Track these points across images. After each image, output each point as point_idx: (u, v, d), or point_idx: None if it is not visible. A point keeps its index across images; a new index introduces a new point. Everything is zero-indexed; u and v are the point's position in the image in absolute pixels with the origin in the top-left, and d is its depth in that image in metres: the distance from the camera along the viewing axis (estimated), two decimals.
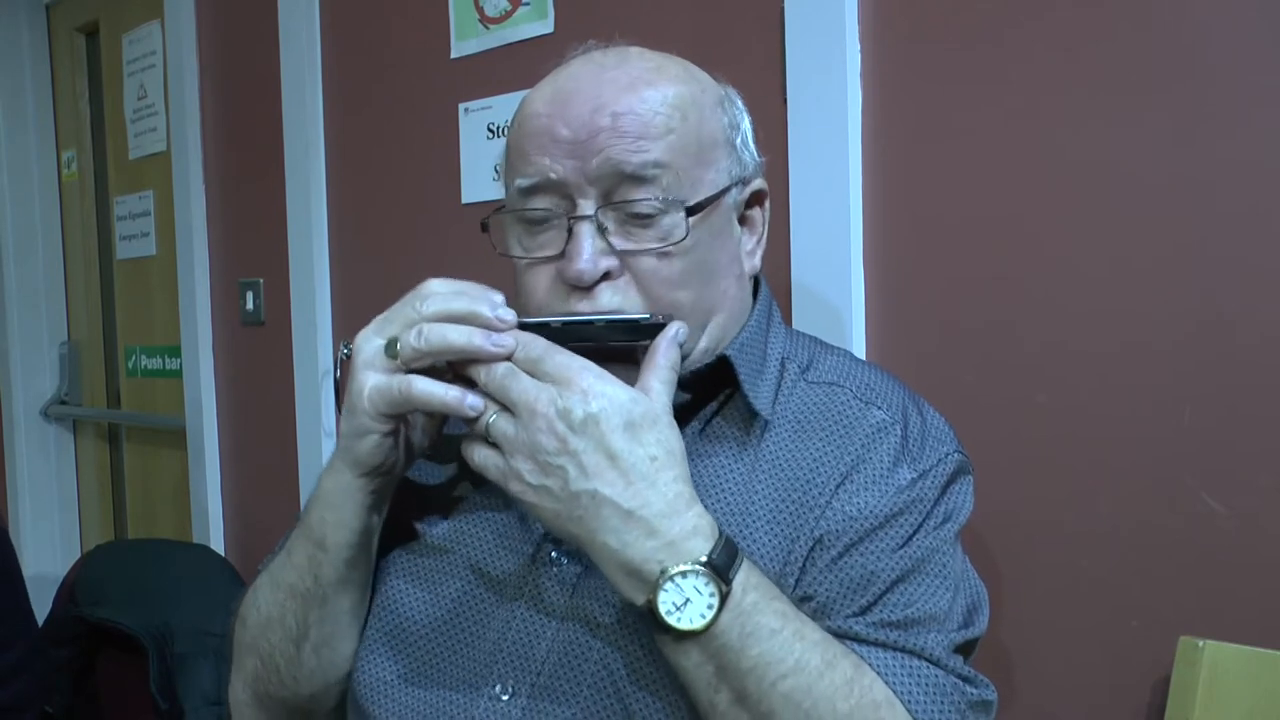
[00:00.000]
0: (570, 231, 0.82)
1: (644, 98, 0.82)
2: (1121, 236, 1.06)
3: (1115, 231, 1.06)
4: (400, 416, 0.80)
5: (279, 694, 0.90)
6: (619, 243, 0.82)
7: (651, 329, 0.79)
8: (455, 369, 0.78)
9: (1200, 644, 0.97)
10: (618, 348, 0.80)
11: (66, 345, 2.80)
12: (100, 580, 1.91)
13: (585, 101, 0.82)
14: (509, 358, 0.76)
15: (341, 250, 1.88)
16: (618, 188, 0.81)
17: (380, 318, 0.81)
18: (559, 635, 0.83)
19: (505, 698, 0.82)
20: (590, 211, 0.81)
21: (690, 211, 0.82)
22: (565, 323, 0.80)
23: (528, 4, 1.54)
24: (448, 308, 0.78)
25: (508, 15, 1.57)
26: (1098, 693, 1.08)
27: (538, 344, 0.76)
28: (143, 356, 2.54)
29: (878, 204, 1.21)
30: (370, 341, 0.80)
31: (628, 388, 0.75)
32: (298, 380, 1.94)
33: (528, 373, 0.75)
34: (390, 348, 0.78)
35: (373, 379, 0.79)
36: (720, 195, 0.85)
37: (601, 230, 0.82)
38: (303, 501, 2.04)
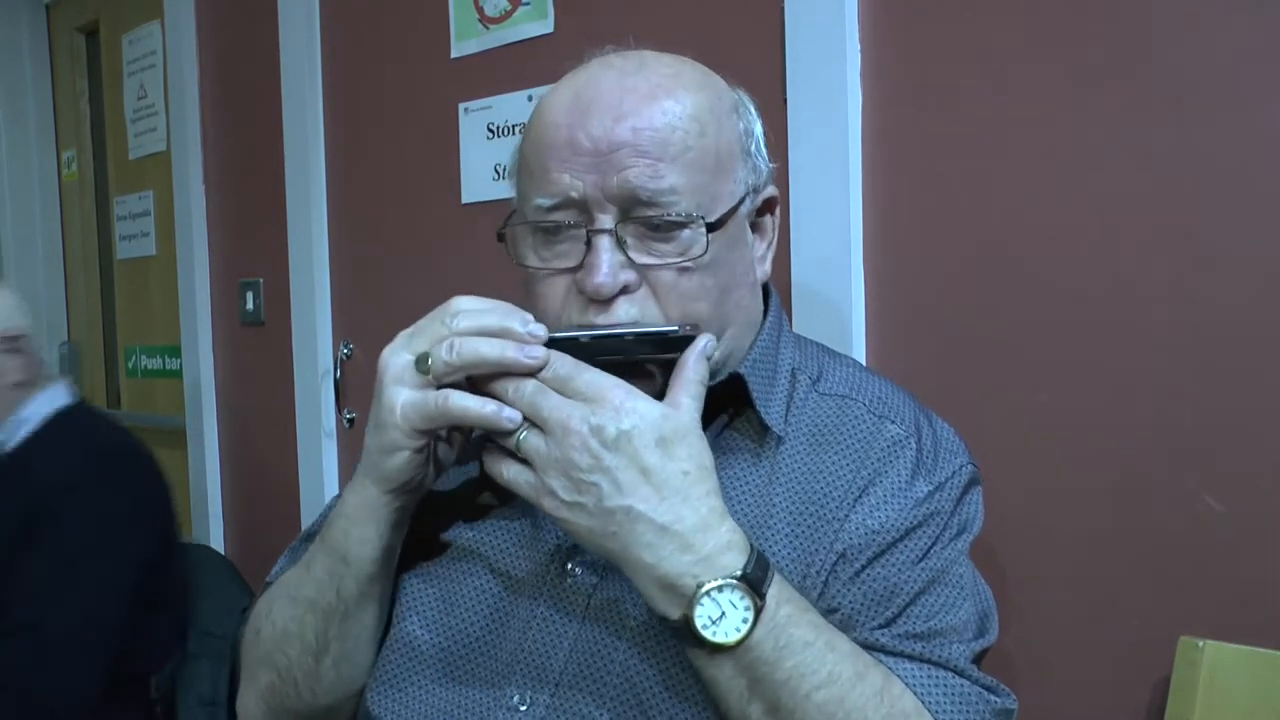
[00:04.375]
0: (589, 244, 0.81)
1: (664, 109, 0.81)
2: (1123, 237, 1.06)
3: (1116, 232, 1.06)
4: (433, 432, 0.79)
5: (295, 707, 0.89)
6: (638, 257, 0.81)
7: (680, 341, 0.78)
8: (477, 385, 0.77)
9: (1200, 644, 0.97)
10: (642, 360, 0.80)
11: (66, 345, 2.80)
12: None
13: (606, 111, 0.81)
14: (542, 370, 0.75)
15: (341, 250, 1.88)
16: (636, 206, 0.81)
17: (406, 333, 0.80)
18: (576, 645, 0.82)
19: (523, 708, 0.81)
20: (609, 225, 0.81)
21: (711, 228, 0.81)
22: (594, 336, 0.78)
23: (528, 4, 1.54)
24: (479, 323, 0.77)
25: (507, 15, 1.57)
26: (1098, 693, 1.08)
27: (565, 362, 0.75)
28: (143, 356, 2.54)
29: (878, 204, 1.21)
30: (399, 356, 0.78)
31: (657, 403, 0.75)
32: (298, 380, 1.94)
33: (556, 390, 0.75)
34: (421, 363, 0.77)
35: (405, 394, 0.77)
36: (737, 206, 0.85)
37: (620, 244, 0.81)
38: (303, 502, 2.03)
